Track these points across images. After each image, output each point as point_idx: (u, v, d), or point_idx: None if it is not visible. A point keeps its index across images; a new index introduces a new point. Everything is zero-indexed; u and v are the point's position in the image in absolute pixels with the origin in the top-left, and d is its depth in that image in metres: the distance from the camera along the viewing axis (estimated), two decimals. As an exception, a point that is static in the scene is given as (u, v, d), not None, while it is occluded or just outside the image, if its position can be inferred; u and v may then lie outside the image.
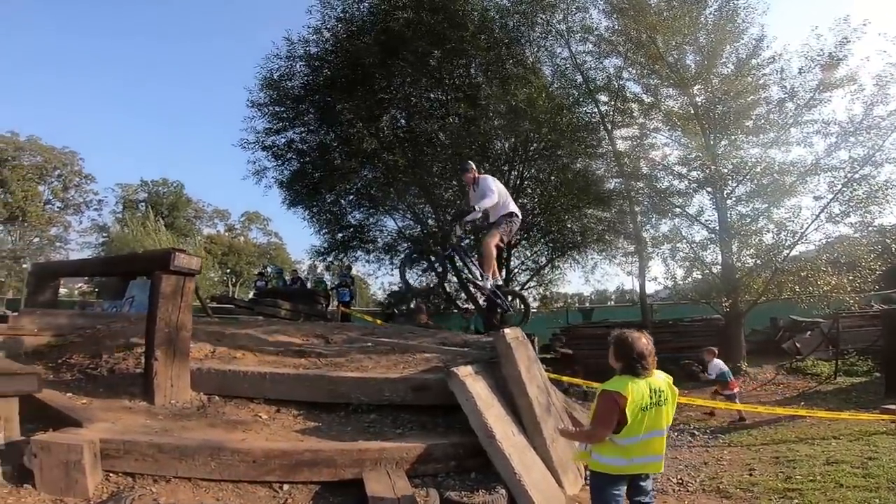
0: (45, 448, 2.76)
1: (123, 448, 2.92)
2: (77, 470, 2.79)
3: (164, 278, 3.53)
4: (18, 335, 4.74)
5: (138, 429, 3.23)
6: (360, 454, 3.24)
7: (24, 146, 38.68)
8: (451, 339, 5.66)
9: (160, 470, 2.95)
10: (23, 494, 2.78)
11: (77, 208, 42.60)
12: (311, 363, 4.53)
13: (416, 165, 12.91)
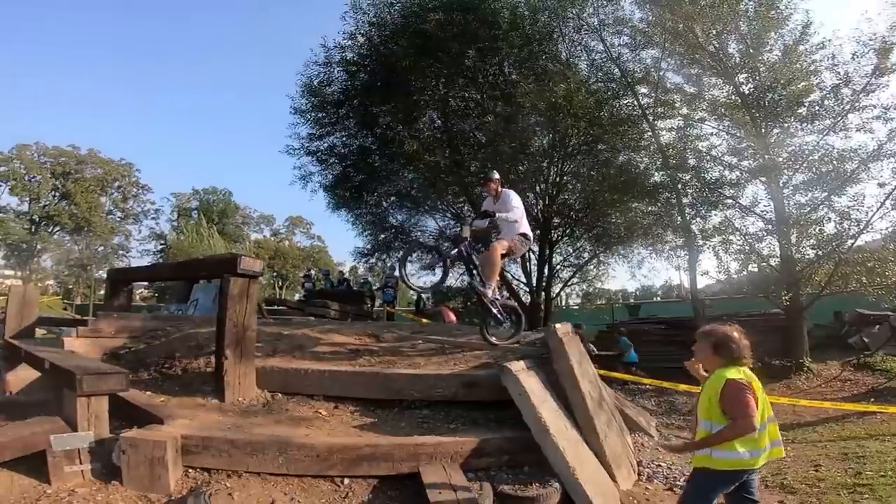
0: (133, 445, 2.95)
1: (201, 444, 3.10)
2: (161, 466, 2.95)
3: (232, 281, 3.76)
4: (98, 337, 5.15)
5: (213, 425, 3.42)
6: (416, 449, 3.34)
7: (85, 159, 41.51)
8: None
9: (233, 465, 3.12)
10: (111, 491, 2.95)
11: (136, 218, 45.49)
12: (365, 361, 4.69)
13: (456, 165, 12.99)
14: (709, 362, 2.46)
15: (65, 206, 39.05)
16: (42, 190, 38.25)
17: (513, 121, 12.43)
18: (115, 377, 3.03)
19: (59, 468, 2.93)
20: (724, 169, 11.68)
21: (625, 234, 13.15)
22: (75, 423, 2.99)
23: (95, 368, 3.24)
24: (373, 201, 14.89)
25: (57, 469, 2.92)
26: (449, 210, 15.15)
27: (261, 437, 3.22)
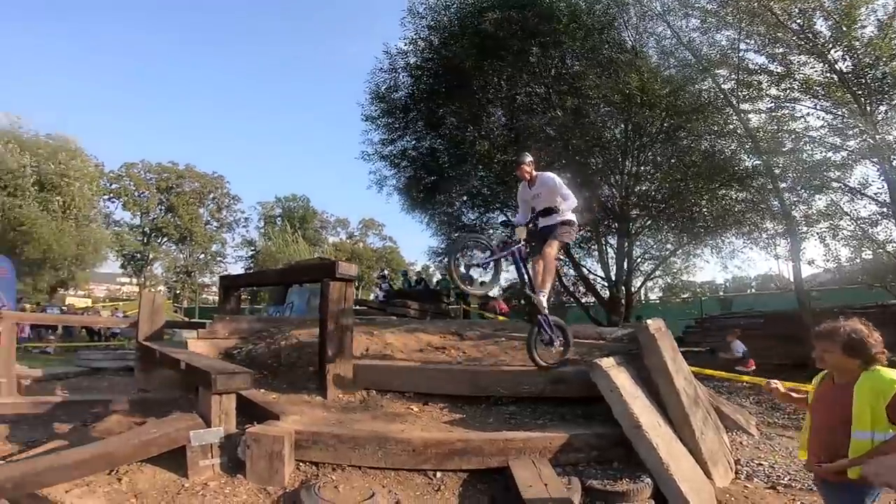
0: (256, 439, 3.21)
1: (311, 439, 3.36)
2: (278, 460, 3.19)
3: (332, 285, 4.07)
4: (215, 339, 5.76)
5: (319, 421, 3.69)
6: (506, 443, 3.42)
7: (184, 174, 45.71)
8: (583, 331, 5.64)
9: (338, 459, 3.36)
10: (236, 484, 3.20)
11: (229, 226, 49.46)
12: (452, 358, 4.86)
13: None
14: (839, 366, 2.21)
15: (170, 219, 43.49)
16: (150, 204, 42.88)
17: (583, 114, 12.10)
18: (242, 376, 3.36)
19: (195, 462, 3.22)
20: (828, 150, 10.59)
21: (714, 224, 12.31)
22: (209, 419, 3.31)
23: (225, 368, 3.59)
24: (445, 201, 15.11)
25: (194, 463, 3.21)
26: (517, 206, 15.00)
27: (362, 433, 3.45)
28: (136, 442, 3.05)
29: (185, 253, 45.26)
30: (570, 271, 15.28)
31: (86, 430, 4.56)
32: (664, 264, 14.47)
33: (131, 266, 42.09)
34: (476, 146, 11.65)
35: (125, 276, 46.14)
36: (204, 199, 46.96)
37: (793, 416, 6.10)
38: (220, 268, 47.36)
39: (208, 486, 3.12)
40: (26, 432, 5.16)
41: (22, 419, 5.51)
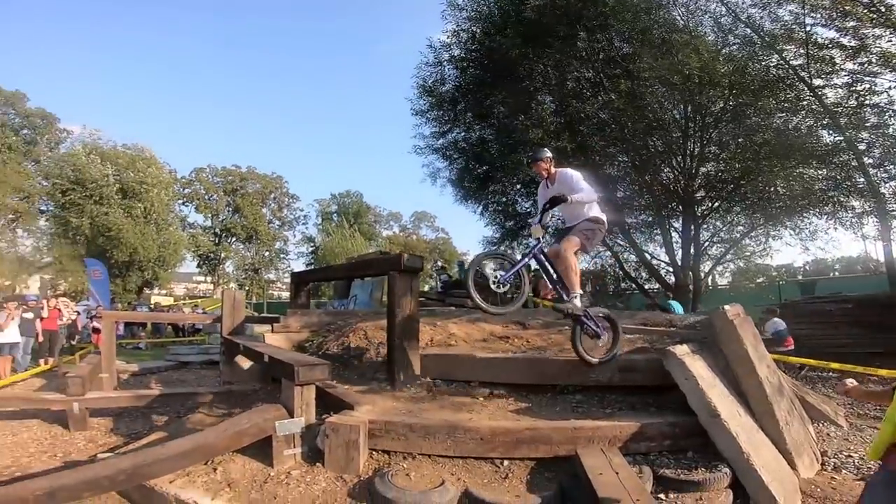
0: (334, 429, 3.33)
1: (384, 428, 3.47)
2: (354, 448, 3.31)
3: (398, 277, 4.19)
4: (288, 332, 6.08)
5: (390, 411, 3.81)
6: (575, 432, 3.41)
7: (247, 176, 48.22)
8: (652, 319, 5.47)
9: (409, 448, 3.45)
10: (315, 472, 3.35)
11: (290, 224, 51.82)
12: (516, 347, 4.87)
13: (580, 148, 12.53)
14: None
15: (237, 220, 46.20)
16: (219, 206, 45.75)
17: (638, 96, 11.59)
18: (321, 367, 3.51)
19: (279, 452, 3.39)
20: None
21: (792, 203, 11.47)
22: (292, 409, 3.48)
23: (306, 360, 3.76)
24: (498, 190, 15.04)
25: (278, 453, 3.38)
26: None
27: (433, 422, 3.53)
28: (230, 433, 3.27)
29: (252, 251, 47.92)
30: (632, 256, 14.78)
31: (181, 422, 4.95)
32: (736, 247, 13.66)
33: (206, 265, 45.16)
34: (529, 134, 11.47)
35: (200, 275, 49.48)
36: (266, 199, 49.40)
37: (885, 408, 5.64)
38: (283, 264, 49.89)
39: (291, 475, 3.30)
40: (128, 424, 5.78)
41: (124, 412, 6.08)
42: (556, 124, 12.87)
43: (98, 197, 22.91)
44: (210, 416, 4.89)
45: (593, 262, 16.25)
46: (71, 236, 22.84)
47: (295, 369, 3.33)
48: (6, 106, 31.51)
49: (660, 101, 12.05)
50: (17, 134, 31.78)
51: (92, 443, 5.17)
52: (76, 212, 22.61)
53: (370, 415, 3.61)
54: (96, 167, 23.27)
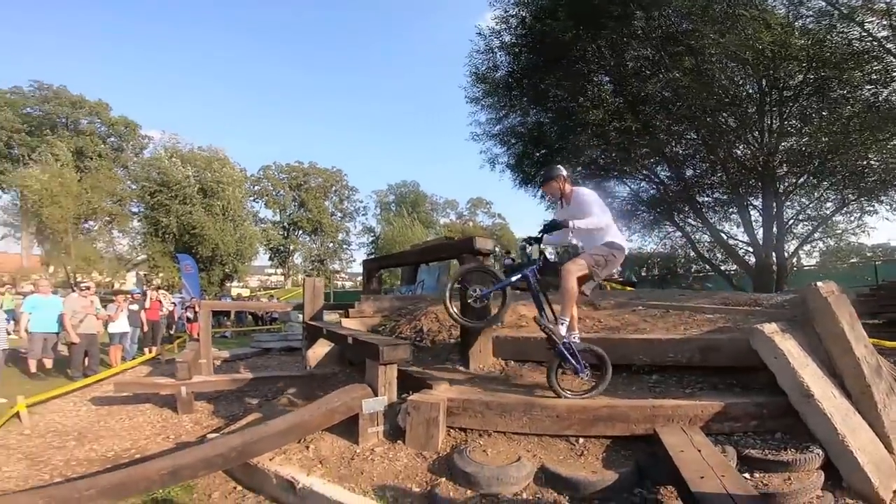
0: (416, 406, 3.49)
1: (462, 406, 3.59)
2: (434, 426, 3.45)
3: (471, 260, 4.31)
4: (363, 317, 6.40)
5: (466, 390, 3.93)
6: (654, 410, 3.38)
7: (309, 171, 50.41)
8: (733, 299, 5.25)
9: (485, 425, 3.57)
10: (397, 449, 3.52)
11: (351, 216, 53.77)
12: (587, 328, 4.85)
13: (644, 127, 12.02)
14: None
15: (302, 213, 48.57)
16: (286, 201, 48.27)
17: (704, 73, 10.91)
18: (403, 347, 3.71)
19: (364, 429, 3.59)
20: None
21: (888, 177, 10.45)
22: (376, 388, 3.68)
23: (389, 340, 3.97)
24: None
25: (364, 430, 3.58)
26: (640, 173, 14.17)
27: (509, 400, 3.62)
28: (323, 410, 3.52)
29: (317, 243, 50.22)
30: (705, 237, 14.05)
31: (272, 404, 5.40)
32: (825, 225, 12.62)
33: (277, 258, 47.91)
34: (589, 115, 11.15)
35: (271, 268, 52.56)
36: (327, 192, 51.46)
37: None
38: (346, 255, 51.95)
39: (375, 452, 3.52)
40: (226, 407, 6.32)
41: (221, 395, 6.67)
42: (616, 104, 12.40)
43: (182, 197, 24.94)
44: (297, 398, 5.27)
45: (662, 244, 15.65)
46: (161, 235, 25.08)
47: (380, 349, 3.53)
48: (91, 116, 34.79)
49: (729, 77, 11.29)
50: (105, 142, 35.10)
51: (197, 425, 5.70)
52: (164, 212, 24.78)
53: (448, 393, 3.74)
54: (178, 169, 25.30)
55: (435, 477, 3.21)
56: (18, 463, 4.35)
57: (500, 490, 3.00)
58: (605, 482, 3.01)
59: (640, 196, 14.62)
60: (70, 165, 23.83)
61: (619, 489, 3.00)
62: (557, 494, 3.02)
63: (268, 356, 10.53)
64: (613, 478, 3.03)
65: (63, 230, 22.73)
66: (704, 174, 13.14)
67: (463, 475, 3.09)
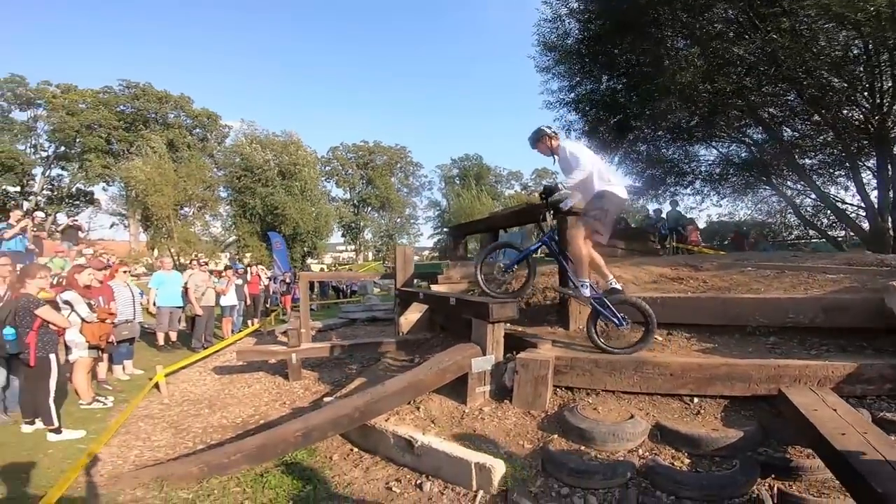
0: (525, 364, 3.51)
1: (569, 365, 3.60)
2: (542, 384, 3.47)
3: (569, 219, 4.25)
4: (450, 283, 6.56)
5: (570, 349, 3.93)
6: (778, 370, 3.24)
7: (374, 149, 51.52)
8: (858, 259, 4.82)
9: (593, 384, 3.58)
10: (504, 409, 3.61)
11: (416, 191, 54.60)
12: (692, 288, 4.68)
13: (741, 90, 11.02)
14: None
15: (371, 190, 49.97)
16: (354, 180, 49.83)
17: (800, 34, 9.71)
18: (511, 305, 3.75)
19: (473, 389, 3.65)
20: None
21: None
22: (484, 347, 3.74)
23: (498, 299, 3.97)
24: (639, 137, 14.07)
25: (472, 390, 3.65)
26: (730, 136, 13.14)
27: (619, 358, 3.59)
28: (436, 370, 3.63)
29: (386, 219, 51.63)
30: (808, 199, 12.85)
31: (373, 369, 5.66)
32: None
33: (349, 234, 49.92)
34: (677, 78, 10.36)
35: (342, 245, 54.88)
36: (393, 169, 52.42)
37: None
38: (414, 229, 53.08)
39: (483, 411, 3.63)
40: (329, 373, 6.68)
41: (323, 362, 7.07)
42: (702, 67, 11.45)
43: (264, 180, 26.59)
44: (394, 363, 5.56)
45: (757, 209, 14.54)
46: (248, 216, 26.98)
47: (489, 307, 3.61)
48: (177, 109, 37.48)
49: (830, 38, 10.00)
50: (191, 133, 37.81)
51: (307, 391, 6.07)
52: (249, 194, 26.56)
53: (553, 352, 3.75)
54: (259, 154, 26.88)
55: (546, 434, 3.29)
56: (165, 431, 4.66)
57: (615, 446, 3.05)
58: (728, 439, 2.97)
59: (730, 159, 13.58)
60: (166, 156, 26.02)
61: (742, 447, 2.95)
62: (676, 451, 3.02)
63: (354, 326, 11.11)
64: (737, 435, 2.98)
65: (166, 216, 25.03)
66: (807, 136, 11.91)
67: (577, 432, 3.15)
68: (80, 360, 5.32)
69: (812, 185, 11.89)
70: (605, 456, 3.01)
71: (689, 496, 2.64)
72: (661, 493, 2.70)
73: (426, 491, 2.97)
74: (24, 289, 4.45)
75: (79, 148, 34.80)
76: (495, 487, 2.79)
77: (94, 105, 34.19)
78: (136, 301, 7.08)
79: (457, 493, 2.90)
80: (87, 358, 5.37)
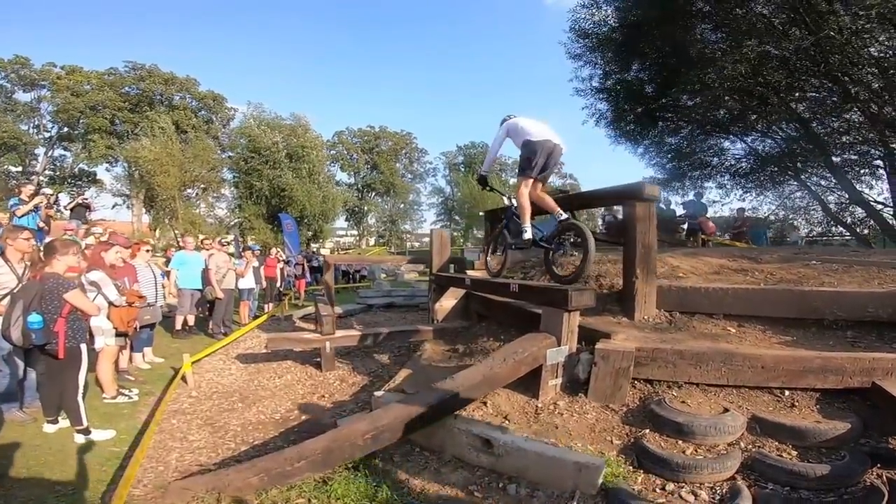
0: (605, 356, 3.28)
1: (650, 356, 3.39)
2: (623, 377, 3.26)
3: (639, 206, 4.08)
4: (483, 270, 6.32)
5: (646, 339, 3.72)
6: (872, 363, 3.14)
7: (379, 134, 51.04)
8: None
9: (675, 376, 3.38)
10: (580, 403, 3.36)
11: (421, 177, 54.17)
12: (758, 280, 4.51)
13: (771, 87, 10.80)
14: None
15: (375, 176, 49.54)
16: (359, 164, 49.36)
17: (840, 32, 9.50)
18: (589, 293, 3.52)
19: (546, 382, 3.38)
20: None
21: None
22: (559, 338, 3.49)
23: (576, 285, 3.74)
24: (667, 130, 13.88)
25: (545, 383, 3.38)
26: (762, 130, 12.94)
27: (704, 349, 3.41)
28: (510, 362, 3.35)
29: (389, 204, 51.27)
30: (831, 197, 12.69)
31: (415, 359, 5.24)
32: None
33: (353, 219, 49.61)
34: (727, 70, 10.04)
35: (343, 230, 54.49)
36: (398, 154, 51.94)
37: None
38: (417, 215, 52.79)
39: (558, 406, 3.39)
40: (362, 363, 6.25)
41: (351, 351, 6.57)
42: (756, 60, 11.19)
43: (272, 162, 26.23)
44: (436, 352, 5.30)
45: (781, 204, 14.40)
46: (255, 197, 26.64)
47: (569, 294, 3.40)
48: (182, 91, 36.89)
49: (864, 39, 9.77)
50: (197, 115, 37.24)
51: (343, 382, 5.63)
52: (256, 176, 26.19)
53: (632, 342, 3.57)
54: (267, 136, 26.47)
55: (635, 429, 3.13)
56: (201, 430, 4.27)
57: (715, 440, 2.90)
58: (835, 431, 2.86)
59: (758, 153, 13.39)
60: (174, 137, 25.60)
61: (846, 439, 2.86)
62: (779, 443, 2.90)
63: (372, 313, 10.85)
64: (844, 427, 2.88)
65: (172, 197, 24.70)
66: (839, 132, 11.70)
67: (673, 426, 3.00)
68: (107, 349, 4.79)
69: (844, 180, 11.72)
70: (704, 450, 2.87)
71: (806, 487, 2.55)
72: (775, 484, 2.59)
73: (513, 494, 2.75)
74: (49, 267, 3.83)
75: (82, 129, 34.32)
76: (596, 487, 2.63)
77: (98, 86, 33.63)
78: (159, 283, 6.61)
79: (549, 495, 2.69)
80: (113, 346, 4.88)
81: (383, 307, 11.40)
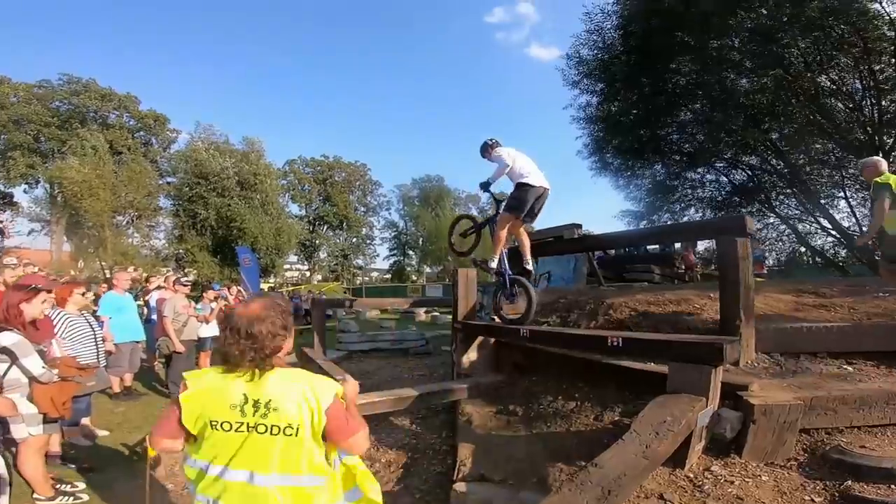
0: (766, 412, 2.85)
1: (808, 405, 2.99)
2: (789, 431, 2.85)
3: (740, 242, 3.62)
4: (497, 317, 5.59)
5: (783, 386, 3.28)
6: None
7: (333, 165, 49.96)
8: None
9: (835, 422, 3.00)
10: (734, 465, 2.85)
11: (374, 210, 53.22)
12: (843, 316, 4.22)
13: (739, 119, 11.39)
14: None
15: (328, 208, 47.97)
16: (312, 195, 47.70)
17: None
18: (736, 345, 2.94)
19: (693, 448, 2.84)
20: None
21: None
22: (707, 398, 2.90)
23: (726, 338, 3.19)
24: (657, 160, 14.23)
25: (692, 449, 2.83)
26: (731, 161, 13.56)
27: (870, 392, 3.11)
28: (669, 435, 2.61)
29: (342, 238, 49.68)
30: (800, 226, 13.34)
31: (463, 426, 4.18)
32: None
33: (303, 252, 47.38)
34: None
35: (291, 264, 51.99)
36: (352, 186, 50.89)
37: None
38: (370, 250, 51.46)
39: (713, 472, 2.83)
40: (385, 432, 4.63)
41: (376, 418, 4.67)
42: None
43: (220, 189, 24.38)
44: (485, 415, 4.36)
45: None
46: (198, 228, 24.50)
47: (723, 348, 2.79)
48: (120, 109, 34.25)
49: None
50: (134, 136, 34.58)
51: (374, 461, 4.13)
52: (202, 204, 24.19)
53: (787, 393, 3.13)
54: (216, 161, 24.72)
55: (828, 483, 2.65)
56: None
57: (924, 482, 2.47)
58: None
59: (733, 184, 13.98)
60: (107, 157, 23.25)
61: None
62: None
63: (357, 359, 9.65)
64: None
65: (101, 223, 22.16)
66: (814, 160, 12.45)
67: (880, 472, 2.59)
68: (32, 440, 3.38)
69: (822, 210, 12.32)
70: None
71: None
72: None
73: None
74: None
75: (2, 145, 30.74)
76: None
77: (26, 99, 30.50)
78: (98, 337, 4.83)
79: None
80: (41, 436, 3.46)
81: (367, 352, 10.25)
